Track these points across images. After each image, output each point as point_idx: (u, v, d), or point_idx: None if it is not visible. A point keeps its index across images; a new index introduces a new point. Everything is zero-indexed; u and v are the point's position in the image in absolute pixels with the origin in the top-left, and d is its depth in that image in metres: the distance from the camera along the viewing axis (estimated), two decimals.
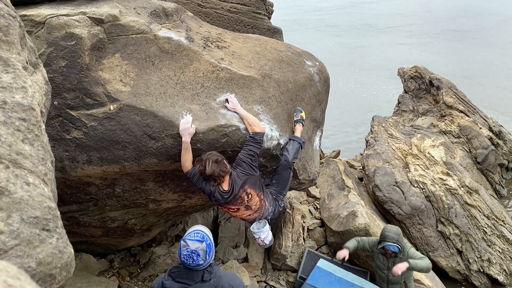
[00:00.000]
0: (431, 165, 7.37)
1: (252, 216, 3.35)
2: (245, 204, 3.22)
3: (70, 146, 3.11)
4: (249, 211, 3.29)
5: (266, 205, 3.35)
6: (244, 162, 3.13)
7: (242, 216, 3.35)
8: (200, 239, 2.33)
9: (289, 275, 5.93)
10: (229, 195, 3.09)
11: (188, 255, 2.28)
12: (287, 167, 3.55)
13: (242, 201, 3.18)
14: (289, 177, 3.59)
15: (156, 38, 3.32)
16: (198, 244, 2.30)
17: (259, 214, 3.36)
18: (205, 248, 2.32)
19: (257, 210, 3.31)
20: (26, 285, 0.99)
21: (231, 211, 3.28)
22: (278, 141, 3.51)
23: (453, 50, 20.80)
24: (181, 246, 2.32)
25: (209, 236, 2.41)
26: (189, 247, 2.29)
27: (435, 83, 9.37)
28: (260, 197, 3.27)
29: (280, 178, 3.56)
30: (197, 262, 2.29)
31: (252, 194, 3.20)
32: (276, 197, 3.52)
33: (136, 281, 4.93)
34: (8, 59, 1.80)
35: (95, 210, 3.89)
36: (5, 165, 1.53)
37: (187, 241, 2.32)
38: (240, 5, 7.48)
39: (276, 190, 3.54)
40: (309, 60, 4.36)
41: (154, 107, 3.14)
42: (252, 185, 3.18)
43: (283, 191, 3.59)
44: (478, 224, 6.70)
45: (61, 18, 2.99)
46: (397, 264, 4.23)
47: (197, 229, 2.41)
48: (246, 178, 3.13)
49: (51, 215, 1.60)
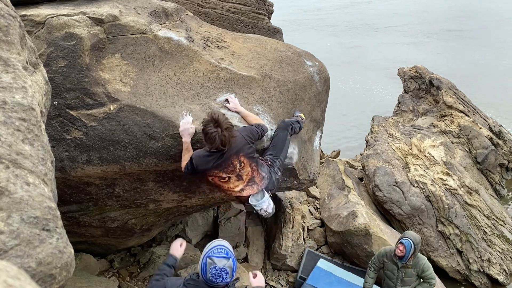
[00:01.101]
0: (431, 165, 7.37)
1: (245, 192, 3.21)
2: (237, 173, 3.11)
3: (70, 146, 3.11)
4: (240, 183, 3.16)
5: (261, 177, 3.22)
6: (244, 131, 3.11)
7: (234, 190, 3.19)
8: (225, 255, 2.22)
9: (289, 275, 5.93)
10: (220, 155, 2.99)
11: (217, 274, 2.18)
12: (283, 128, 3.47)
13: (233, 169, 3.07)
14: (285, 139, 3.46)
15: (156, 38, 3.32)
16: (225, 261, 2.20)
17: (253, 189, 3.23)
18: (232, 265, 2.23)
19: (248, 181, 3.17)
20: (26, 285, 0.99)
21: (222, 181, 3.14)
22: None
23: (451, 49, 20.82)
24: (207, 264, 2.20)
25: (232, 252, 2.31)
26: (217, 265, 2.18)
27: (435, 83, 9.37)
28: (252, 167, 3.15)
29: (276, 141, 3.44)
30: (226, 280, 2.21)
31: (245, 163, 3.10)
32: (271, 162, 3.37)
33: (136, 281, 4.92)
34: (8, 59, 1.80)
35: (95, 210, 3.89)
36: (5, 165, 1.53)
37: (213, 259, 2.20)
38: (240, 5, 7.48)
39: (272, 153, 3.40)
40: (309, 60, 4.36)
41: (154, 107, 3.14)
42: (246, 155, 3.09)
43: (279, 155, 3.43)
44: (478, 224, 6.70)
45: (61, 18, 2.99)
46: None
47: (220, 245, 2.28)
48: (242, 145, 3.05)
49: (51, 215, 1.60)
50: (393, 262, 4.50)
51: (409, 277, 4.45)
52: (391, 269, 4.52)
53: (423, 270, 4.43)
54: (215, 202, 4.52)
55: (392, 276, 4.52)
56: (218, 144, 2.87)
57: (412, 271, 4.43)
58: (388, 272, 4.57)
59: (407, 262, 4.38)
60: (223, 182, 3.16)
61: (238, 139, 3.03)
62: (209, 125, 2.85)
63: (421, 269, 4.43)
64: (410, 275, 4.43)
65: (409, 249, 4.29)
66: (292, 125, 3.57)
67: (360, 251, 5.88)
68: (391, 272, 4.53)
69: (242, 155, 3.07)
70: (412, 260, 4.39)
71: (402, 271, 4.44)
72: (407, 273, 4.42)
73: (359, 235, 5.85)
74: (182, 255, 2.86)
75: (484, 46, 21.24)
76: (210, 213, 6.06)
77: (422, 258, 4.47)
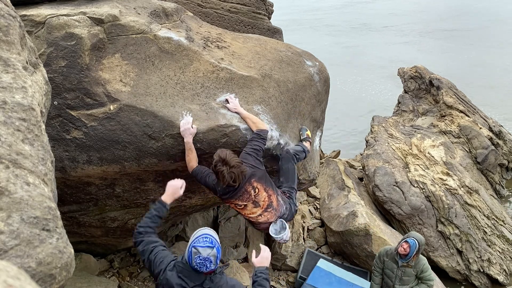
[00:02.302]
0: (431, 165, 7.37)
1: (263, 217, 3.22)
2: (252, 200, 3.12)
3: (70, 146, 3.11)
4: (258, 209, 3.17)
5: (278, 203, 3.24)
6: (249, 155, 3.09)
7: (251, 216, 3.22)
8: (210, 244, 2.29)
9: (289, 275, 5.93)
10: (234, 189, 3.02)
11: (202, 263, 2.26)
12: (289, 158, 3.49)
13: (249, 196, 3.09)
14: (294, 169, 3.51)
15: (156, 38, 3.32)
16: (209, 250, 2.27)
17: (271, 214, 3.23)
18: (216, 254, 2.29)
19: (266, 208, 3.18)
20: (26, 285, 0.99)
21: (238, 208, 3.18)
22: (278, 141, 3.51)
23: (448, 49, 20.85)
24: (192, 253, 2.27)
25: (217, 239, 2.37)
26: (201, 254, 2.25)
27: (435, 83, 9.37)
28: (268, 192, 3.16)
29: (286, 172, 3.48)
30: (210, 268, 2.28)
31: (259, 189, 3.11)
32: (289, 194, 3.42)
33: (136, 281, 4.92)
34: (8, 59, 1.80)
35: (95, 210, 3.89)
36: (5, 165, 1.53)
37: (198, 248, 2.26)
38: (240, 5, 7.48)
39: (287, 186, 3.45)
40: (309, 60, 4.36)
41: (154, 107, 3.14)
42: (259, 179, 3.10)
43: (293, 185, 3.48)
44: (478, 224, 6.70)
45: (61, 18, 2.98)
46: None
47: (204, 233, 2.34)
48: (253, 172, 3.06)
49: (51, 215, 1.60)
50: (393, 261, 4.49)
51: (408, 277, 4.45)
52: (391, 268, 4.52)
53: (423, 270, 4.43)
54: (215, 202, 4.51)
55: (391, 274, 4.51)
56: (229, 181, 2.89)
57: (412, 271, 4.42)
58: (387, 270, 4.56)
59: (408, 262, 4.36)
60: (240, 208, 3.20)
61: (247, 168, 3.04)
62: (217, 165, 2.88)
63: (421, 269, 4.42)
64: (409, 274, 4.43)
65: (413, 249, 4.26)
66: (297, 156, 3.59)
67: (360, 251, 5.88)
68: (390, 271, 4.52)
69: (254, 181, 3.09)
70: (413, 261, 4.37)
71: (401, 270, 4.43)
72: (406, 272, 4.42)
73: (359, 235, 5.85)
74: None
75: (481, 45, 21.27)
76: (210, 213, 6.06)
77: (422, 259, 4.47)
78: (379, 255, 4.67)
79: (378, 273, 4.66)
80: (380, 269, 4.65)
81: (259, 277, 2.62)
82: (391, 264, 4.52)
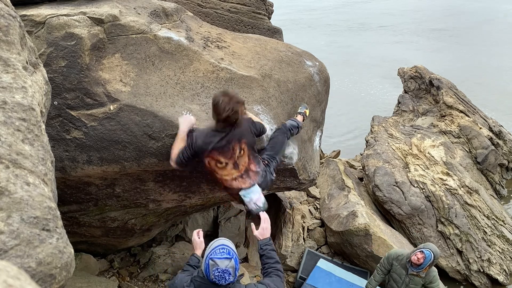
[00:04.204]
0: (431, 165, 7.37)
1: (237, 182, 3.12)
2: (234, 160, 3.04)
3: (70, 146, 3.11)
4: (235, 172, 3.09)
5: (256, 173, 3.16)
6: (249, 121, 3.11)
7: (227, 179, 3.11)
8: (228, 255, 2.20)
9: (289, 275, 5.93)
10: (224, 135, 2.95)
11: (220, 276, 2.16)
12: (283, 131, 3.48)
13: (232, 154, 3.02)
14: (284, 142, 3.47)
15: (156, 38, 3.32)
16: (227, 262, 2.18)
17: (246, 181, 3.14)
18: (234, 265, 2.20)
19: (243, 173, 3.10)
20: (26, 285, 0.99)
21: (219, 166, 3.05)
22: None
23: (445, 48, 20.89)
24: (209, 265, 2.18)
25: (234, 250, 2.28)
26: (219, 266, 2.16)
27: (435, 83, 9.37)
28: (250, 158, 3.11)
29: (275, 142, 3.43)
30: (229, 280, 2.19)
31: (244, 152, 3.05)
32: (268, 162, 3.33)
33: (136, 281, 4.92)
34: (8, 59, 1.80)
35: (95, 210, 3.89)
36: (5, 165, 1.53)
37: (215, 260, 2.17)
38: (240, 5, 7.48)
39: (270, 154, 3.38)
40: (309, 60, 4.36)
41: (154, 107, 3.14)
42: (248, 143, 3.07)
43: (276, 156, 3.41)
44: (478, 224, 6.70)
45: (61, 18, 2.98)
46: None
47: (221, 244, 2.25)
48: (247, 133, 3.05)
49: (51, 215, 1.60)
50: (403, 267, 4.39)
51: (415, 285, 4.34)
52: (399, 273, 4.42)
53: (432, 281, 4.34)
54: (215, 202, 4.51)
55: (398, 280, 4.43)
56: (228, 114, 2.81)
57: (420, 280, 4.32)
58: (394, 275, 4.47)
59: (419, 273, 4.26)
60: (219, 167, 3.07)
61: (244, 126, 3.02)
62: (220, 97, 2.82)
63: (430, 280, 4.33)
64: (417, 283, 4.34)
65: (428, 260, 4.16)
66: (291, 131, 3.58)
67: (360, 251, 5.88)
68: (398, 276, 4.43)
69: (244, 142, 3.04)
70: (425, 272, 4.27)
71: (410, 278, 4.34)
72: (414, 280, 4.31)
73: (359, 235, 5.85)
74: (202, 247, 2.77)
75: (479, 45, 21.32)
76: (210, 213, 6.06)
77: (433, 270, 4.37)
78: (388, 257, 4.57)
79: (382, 272, 4.58)
80: (386, 270, 4.56)
81: (265, 249, 2.57)
82: (400, 270, 4.41)
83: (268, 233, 2.67)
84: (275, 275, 2.47)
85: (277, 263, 2.54)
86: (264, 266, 2.55)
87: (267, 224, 2.68)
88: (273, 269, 2.50)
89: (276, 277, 2.46)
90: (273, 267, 2.51)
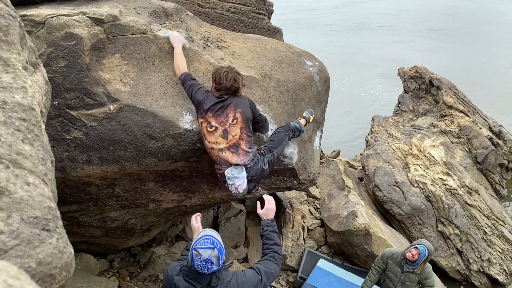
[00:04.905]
0: (431, 165, 7.37)
1: (224, 154, 3.09)
2: (225, 127, 3.04)
3: (70, 146, 3.11)
4: (223, 142, 3.06)
5: (245, 152, 3.13)
6: (248, 99, 3.18)
7: (214, 147, 3.09)
8: (211, 245, 2.25)
9: (289, 275, 5.93)
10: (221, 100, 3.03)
11: (203, 265, 2.22)
12: (286, 129, 3.52)
13: (225, 120, 3.03)
14: (284, 139, 3.49)
15: (156, 38, 3.32)
16: (210, 251, 2.23)
17: (233, 156, 3.10)
18: (217, 254, 2.25)
19: (231, 146, 3.08)
20: (26, 285, 0.99)
21: (208, 130, 3.05)
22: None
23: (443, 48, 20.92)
24: (193, 256, 2.24)
25: (219, 240, 2.32)
26: (202, 256, 2.21)
27: (435, 83, 9.37)
28: (241, 134, 3.08)
29: (275, 137, 3.46)
30: (212, 269, 2.24)
31: (238, 122, 3.06)
32: (264, 152, 3.31)
33: (136, 281, 4.92)
34: (8, 59, 1.80)
35: (95, 210, 3.89)
36: (5, 165, 1.53)
37: (198, 250, 2.23)
38: (240, 5, 7.47)
39: (267, 146, 3.39)
40: (309, 60, 4.36)
41: (154, 107, 3.14)
42: (243, 116, 3.08)
43: (273, 150, 3.40)
44: (478, 224, 6.70)
45: (61, 18, 2.98)
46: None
47: (205, 235, 2.30)
48: (244, 106, 3.10)
49: (51, 215, 1.59)
50: (398, 265, 4.42)
51: (411, 282, 4.39)
52: (394, 271, 4.45)
53: (426, 277, 4.37)
54: (215, 202, 4.52)
55: (394, 278, 4.46)
56: (229, 82, 2.99)
57: (416, 277, 4.36)
58: (390, 273, 4.50)
59: (414, 269, 4.29)
60: (208, 131, 3.07)
61: (244, 99, 3.12)
62: (222, 68, 3.03)
63: (425, 276, 4.37)
64: (413, 280, 4.38)
65: (422, 256, 4.19)
66: (294, 132, 3.60)
67: (360, 251, 5.88)
68: (394, 274, 4.46)
69: (239, 112, 3.07)
70: (420, 268, 4.31)
71: (405, 275, 4.37)
72: (410, 277, 4.35)
73: (359, 235, 5.85)
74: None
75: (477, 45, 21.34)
76: (210, 213, 6.06)
77: (428, 266, 4.40)
78: (383, 256, 4.60)
79: (377, 272, 4.62)
80: (381, 269, 4.60)
81: (265, 230, 2.61)
82: (395, 268, 4.44)
83: (272, 214, 2.70)
84: (270, 257, 2.52)
85: (275, 245, 2.58)
86: (263, 246, 2.61)
87: (271, 205, 2.71)
88: (270, 251, 2.55)
89: (271, 258, 2.52)
90: (270, 249, 2.56)
